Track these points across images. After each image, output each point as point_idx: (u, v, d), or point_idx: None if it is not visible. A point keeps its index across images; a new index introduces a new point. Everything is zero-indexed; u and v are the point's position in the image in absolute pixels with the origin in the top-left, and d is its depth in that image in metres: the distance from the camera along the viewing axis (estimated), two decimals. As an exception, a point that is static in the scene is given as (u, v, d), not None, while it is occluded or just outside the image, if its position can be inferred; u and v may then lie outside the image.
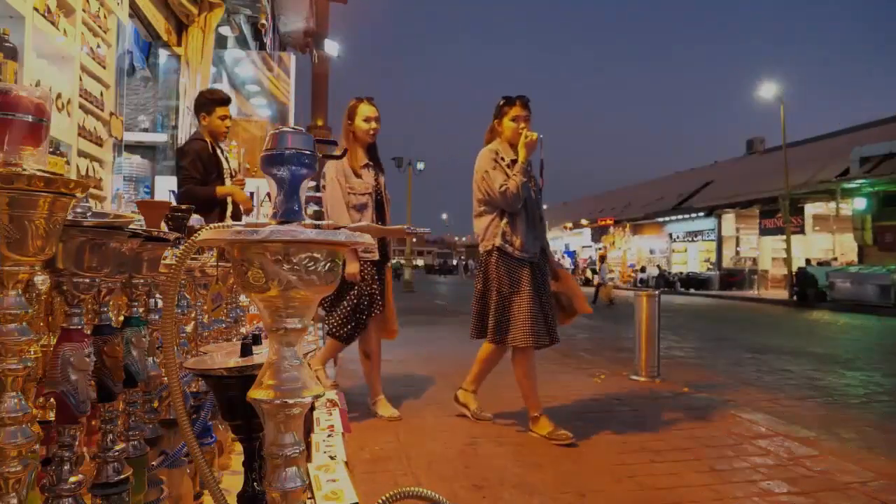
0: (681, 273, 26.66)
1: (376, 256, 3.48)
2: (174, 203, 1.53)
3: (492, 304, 3.24)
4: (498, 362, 3.46)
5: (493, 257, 3.25)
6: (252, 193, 4.17)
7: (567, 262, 34.26)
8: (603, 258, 19.12)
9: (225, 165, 3.82)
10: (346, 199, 3.45)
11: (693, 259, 28.95)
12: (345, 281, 3.38)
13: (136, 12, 4.83)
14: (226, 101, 3.87)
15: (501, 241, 3.22)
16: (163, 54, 5.69)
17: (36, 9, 2.89)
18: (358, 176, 3.50)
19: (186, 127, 5.41)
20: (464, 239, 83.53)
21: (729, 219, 26.30)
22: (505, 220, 3.25)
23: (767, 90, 20.50)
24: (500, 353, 3.40)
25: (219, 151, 3.83)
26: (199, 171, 3.61)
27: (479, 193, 3.35)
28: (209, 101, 3.82)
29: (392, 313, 3.70)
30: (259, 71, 7.39)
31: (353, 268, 3.37)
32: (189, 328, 1.41)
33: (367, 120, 3.49)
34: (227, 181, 3.80)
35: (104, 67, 3.80)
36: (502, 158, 3.30)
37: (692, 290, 23.82)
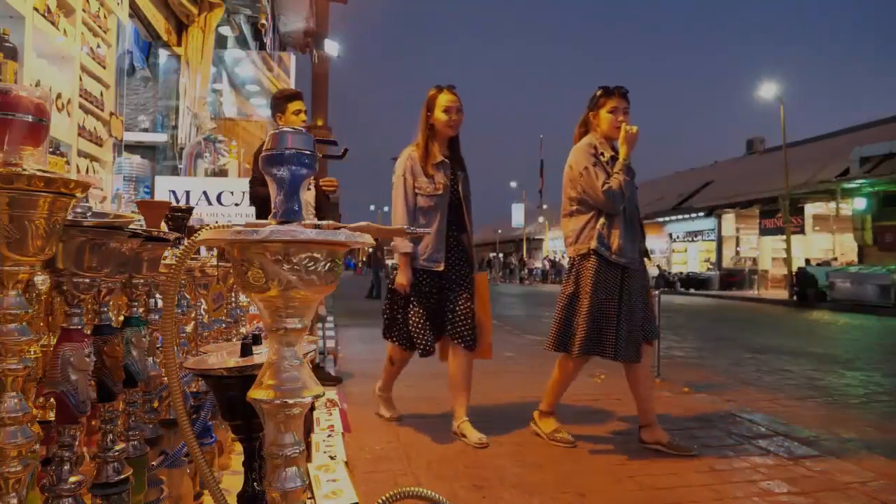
0: (681, 273, 26.66)
1: (441, 267, 3.14)
2: (174, 203, 1.53)
3: (582, 313, 2.97)
4: (576, 377, 3.15)
5: (588, 261, 2.98)
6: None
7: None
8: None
9: None
10: (410, 201, 3.14)
11: (693, 259, 28.96)
12: (397, 293, 3.19)
13: (136, 12, 4.83)
14: (296, 95, 3.77)
15: (598, 244, 2.95)
16: (163, 54, 5.69)
17: (36, 9, 2.89)
18: (429, 175, 3.16)
19: (186, 127, 5.41)
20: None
21: (729, 219, 26.30)
22: (602, 221, 2.98)
23: (767, 90, 20.50)
24: (580, 365, 3.14)
25: None
26: (258, 170, 3.67)
27: (573, 191, 3.07)
28: (280, 100, 3.73)
29: (484, 329, 3.25)
30: (259, 71, 7.39)
31: (401, 278, 3.10)
32: (189, 328, 1.41)
33: (447, 111, 3.14)
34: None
35: (104, 67, 3.80)
36: (601, 154, 3.03)
37: (692, 290, 23.81)
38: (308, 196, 3.69)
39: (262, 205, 3.50)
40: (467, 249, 3.29)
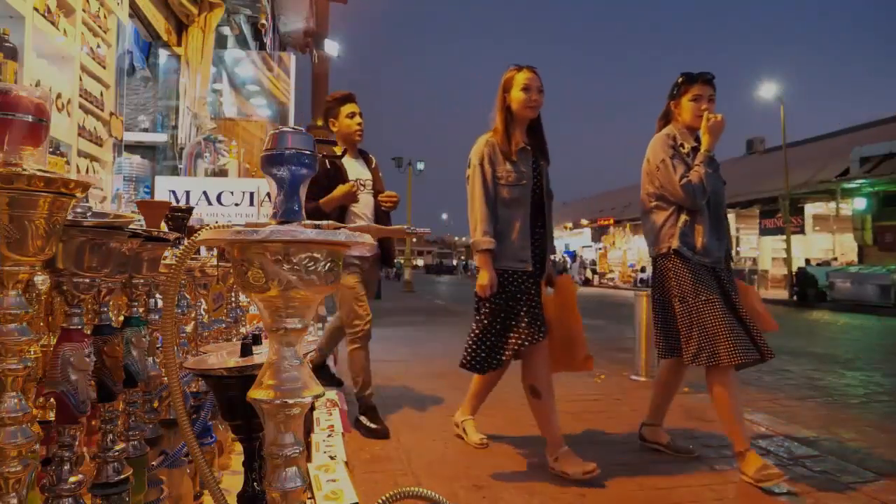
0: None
1: (529, 267, 2.78)
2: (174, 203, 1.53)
3: (678, 317, 2.72)
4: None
5: (669, 262, 2.74)
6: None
7: (569, 262, 34.30)
8: (575, 258, 19.62)
9: (354, 175, 3.39)
10: (490, 193, 2.77)
11: (693, 259, 28.92)
12: (484, 303, 2.79)
13: (136, 12, 4.83)
14: (348, 97, 3.50)
15: (679, 243, 2.70)
16: (163, 54, 5.69)
17: (36, 9, 2.89)
18: (512, 162, 2.80)
19: (186, 127, 5.41)
20: (463, 239, 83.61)
21: (729, 218, 26.30)
22: (684, 218, 2.73)
23: (767, 90, 20.50)
24: (682, 372, 2.91)
25: (351, 160, 3.47)
26: (314, 189, 3.21)
27: (651, 186, 2.82)
28: (332, 103, 3.50)
29: (577, 340, 2.85)
30: (259, 71, 7.39)
31: (482, 278, 2.72)
32: (189, 328, 1.41)
33: (526, 89, 2.79)
34: (363, 194, 3.38)
35: (104, 67, 3.80)
36: (681, 145, 2.79)
37: (692, 290, 23.78)
38: (365, 202, 3.42)
39: (309, 217, 3.43)
40: (544, 253, 2.90)
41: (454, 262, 65.05)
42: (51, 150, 3.08)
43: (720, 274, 2.74)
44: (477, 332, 2.77)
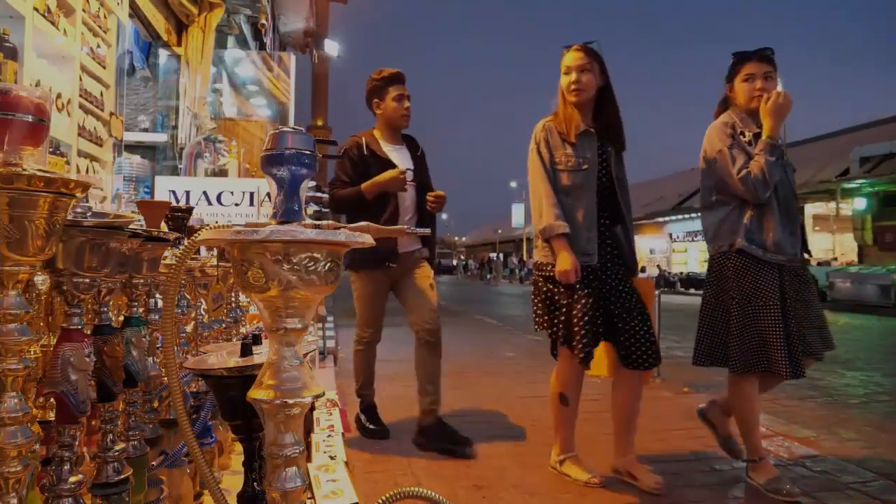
0: (681, 273, 26.67)
1: (594, 261, 2.54)
2: (174, 203, 1.53)
3: (733, 323, 2.48)
4: (758, 399, 2.57)
5: (730, 261, 2.48)
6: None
7: None
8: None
9: (399, 163, 3.11)
10: (551, 177, 2.56)
11: (693, 259, 28.99)
12: (554, 291, 2.57)
13: (136, 12, 4.83)
14: (397, 77, 3.18)
15: (744, 241, 2.45)
16: (163, 54, 5.69)
17: (36, 9, 2.89)
18: (571, 145, 2.57)
19: (186, 127, 5.41)
20: (464, 239, 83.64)
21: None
22: (750, 213, 2.47)
23: (767, 90, 20.49)
24: (756, 384, 2.53)
25: (386, 147, 3.17)
26: (348, 173, 3.12)
27: (710, 179, 2.57)
28: (379, 83, 3.19)
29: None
30: (259, 71, 7.39)
31: (562, 263, 2.46)
32: (189, 328, 1.41)
33: (566, 72, 2.59)
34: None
35: (104, 67, 3.80)
36: (741, 133, 2.51)
37: (692, 290, 23.82)
38: (407, 194, 3.17)
39: (343, 205, 3.18)
40: (623, 246, 2.65)
41: (454, 263, 65.00)
42: (51, 150, 3.08)
43: (792, 272, 2.49)
44: (547, 321, 2.61)
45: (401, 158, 3.19)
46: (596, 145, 2.60)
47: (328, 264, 0.71)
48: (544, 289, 2.63)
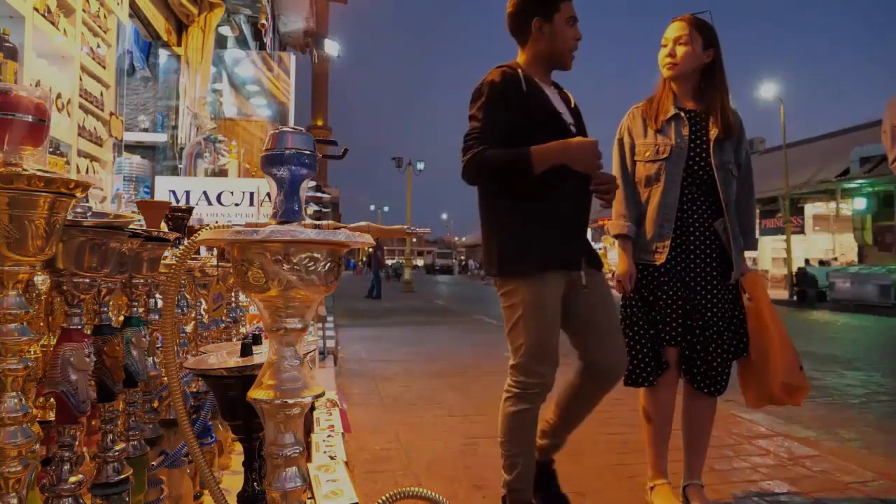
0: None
1: (660, 258, 2.19)
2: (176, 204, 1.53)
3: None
4: None
5: None
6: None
7: None
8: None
9: (565, 114, 2.12)
10: (628, 171, 2.30)
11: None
12: (627, 301, 2.30)
13: (136, 12, 4.83)
14: None
15: None
16: (163, 54, 5.69)
17: (36, 9, 2.89)
18: (655, 131, 2.25)
19: (186, 127, 5.41)
20: (464, 239, 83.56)
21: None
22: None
23: (767, 90, 20.52)
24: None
25: (549, 90, 2.12)
26: (500, 119, 1.95)
27: (891, 154, 2.14)
28: None
29: (768, 355, 2.18)
30: (259, 71, 7.39)
31: (619, 269, 2.26)
32: (189, 328, 1.41)
33: (664, 44, 2.27)
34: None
35: (104, 67, 3.80)
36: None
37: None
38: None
39: (488, 174, 1.97)
40: (724, 245, 2.20)
41: (454, 262, 64.91)
42: (51, 150, 3.08)
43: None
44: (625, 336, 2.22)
45: (565, 113, 2.16)
46: (686, 130, 2.22)
47: (328, 264, 0.71)
48: (621, 300, 2.35)
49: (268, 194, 4.08)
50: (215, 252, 1.51)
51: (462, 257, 70.29)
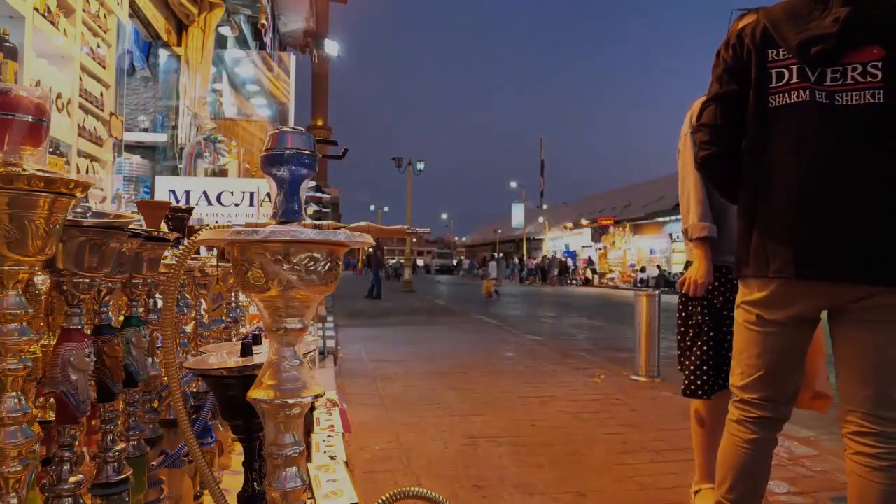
0: (681, 273, 26.61)
1: None
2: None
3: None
4: None
5: None
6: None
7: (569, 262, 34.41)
8: (485, 259, 21.71)
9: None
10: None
11: (693, 259, 28.93)
12: (690, 302, 2.19)
13: (136, 12, 4.83)
14: None
15: None
16: (163, 54, 5.69)
17: (36, 9, 2.89)
18: None
19: (186, 127, 5.41)
20: (464, 239, 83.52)
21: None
22: None
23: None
24: None
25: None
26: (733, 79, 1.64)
27: None
28: None
29: (810, 368, 1.95)
30: (259, 71, 7.38)
31: (693, 270, 2.11)
32: (189, 328, 1.41)
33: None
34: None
35: (104, 67, 3.80)
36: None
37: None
38: None
39: (724, 172, 1.72)
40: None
41: (454, 262, 64.88)
42: (51, 150, 3.08)
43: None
44: (689, 343, 2.15)
45: None
46: None
47: (328, 264, 0.71)
48: (680, 305, 2.25)
49: (268, 194, 4.08)
50: (215, 252, 1.51)
51: (462, 257, 70.30)
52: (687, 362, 2.19)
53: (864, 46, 1.46)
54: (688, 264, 2.26)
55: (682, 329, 2.24)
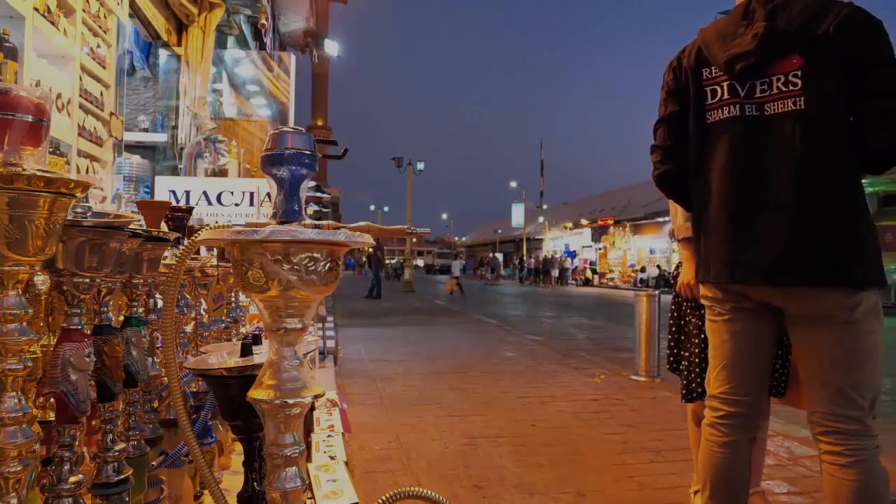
0: (677, 273, 26.61)
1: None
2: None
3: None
4: None
5: None
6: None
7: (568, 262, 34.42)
8: (457, 255, 22.96)
9: None
10: None
11: (693, 259, 28.92)
12: (682, 304, 2.21)
13: (136, 12, 4.83)
14: None
15: None
16: (163, 54, 5.69)
17: (36, 9, 2.89)
18: None
19: (186, 127, 5.41)
20: (464, 239, 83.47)
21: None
22: None
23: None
24: None
25: None
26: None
27: None
28: None
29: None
30: (259, 71, 7.38)
31: (684, 275, 2.13)
32: (189, 328, 1.41)
33: None
34: None
35: (104, 67, 3.80)
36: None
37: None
38: None
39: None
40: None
41: (460, 262, 64.77)
42: (51, 150, 3.08)
43: None
44: (683, 344, 2.18)
45: None
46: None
47: (328, 264, 0.71)
48: (673, 306, 2.26)
49: (268, 194, 4.08)
50: (215, 252, 1.51)
51: (454, 258, 70.24)
52: (679, 366, 2.21)
53: (786, 56, 1.52)
54: (679, 265, 2.29)
55: (675, 329, 2.26)
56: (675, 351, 2.27)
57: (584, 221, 37.85)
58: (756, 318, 1.65)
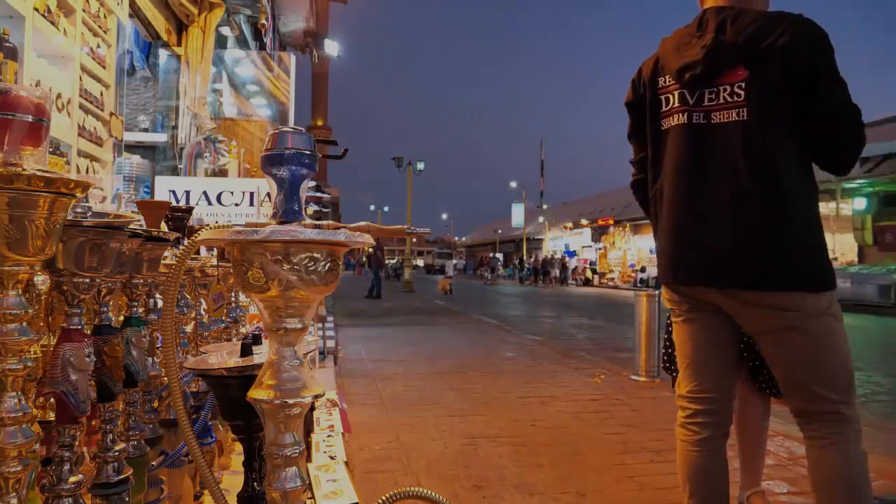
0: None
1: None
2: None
3: None
4: None
5: None
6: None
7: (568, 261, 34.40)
8: (451, 256, 23.51)
9: None
10: None
11: (693, 259, 28.92)
12: None
13: (136, 12, 4.83)
14: None
15: None
16: (163, 54, 5.69)
17: (36, 9, 2.89)
18: None
19: (186, 127, 5.41)
20: (464, 239, 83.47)
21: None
22: None
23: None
24: None
25: None
26: None
27: None
28: None
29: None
30: (259, 71, 7.38)
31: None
32: (189, 328, 1.41)
33: None
34: None
35: (104, 67, 3.80)
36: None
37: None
38: None
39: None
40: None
41: (453, 262, 64.77)
42: (51, 150, 3.08)
43: None
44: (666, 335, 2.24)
45: None
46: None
47: (328, 264, 0.71)
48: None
49: (268, 194, 4.07)
50: (215, 252, 1.51)
51: (462, 257, 70.23)
52: (672, 367, 2.22)
53: (732, 68, 1.57)
54: None
55: (670, 330, 2.25)
56: (670, 351, 2.29)
57: (584, 221, 37.84)
58: (714, 317, 1.68)
